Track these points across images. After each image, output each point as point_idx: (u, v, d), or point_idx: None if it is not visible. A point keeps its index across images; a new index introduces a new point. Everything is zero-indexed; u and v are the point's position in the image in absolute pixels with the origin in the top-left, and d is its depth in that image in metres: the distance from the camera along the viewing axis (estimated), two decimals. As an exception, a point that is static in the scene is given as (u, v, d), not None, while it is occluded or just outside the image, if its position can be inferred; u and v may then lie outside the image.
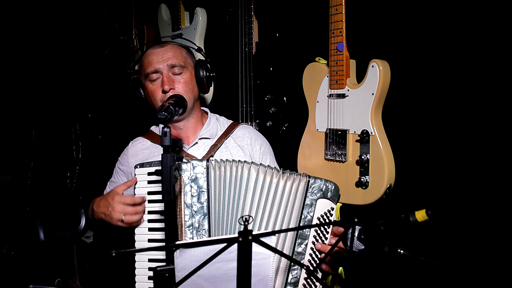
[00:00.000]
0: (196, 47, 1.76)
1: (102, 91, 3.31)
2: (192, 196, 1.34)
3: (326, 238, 1.31)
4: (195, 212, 1.34)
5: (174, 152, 1.52)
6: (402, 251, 1.01)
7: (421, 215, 1.06)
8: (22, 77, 3.11)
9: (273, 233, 0.89)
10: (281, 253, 1.02)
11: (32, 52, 3.12)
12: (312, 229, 1.31)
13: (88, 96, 3.32)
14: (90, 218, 1.54)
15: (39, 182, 3.00)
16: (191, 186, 1.35)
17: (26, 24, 3.10)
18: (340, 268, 1.73)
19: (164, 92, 1.49)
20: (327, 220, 1.32)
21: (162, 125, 1.11)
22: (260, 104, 2.07)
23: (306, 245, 1.30)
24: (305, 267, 0.96)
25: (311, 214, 1.31)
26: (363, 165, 1.59)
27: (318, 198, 1.31)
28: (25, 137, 3.03)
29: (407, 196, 1.65)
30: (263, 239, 0.86)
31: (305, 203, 1.31)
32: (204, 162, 1.36)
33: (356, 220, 0.96)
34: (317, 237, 1.31)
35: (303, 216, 1.31)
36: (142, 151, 1.62)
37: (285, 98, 2.01)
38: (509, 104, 1.46)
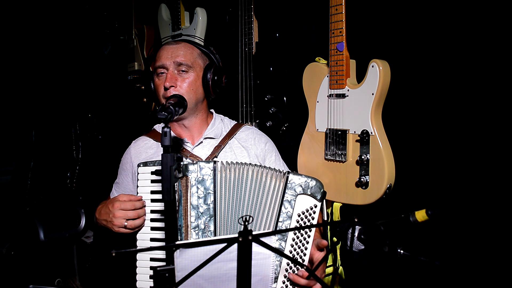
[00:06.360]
0: (209, 50, 1.74)
1: (102, 91, 3.31)
2: (198, 197, 1.34)
3: (308, 242, 1.28)
4: (201, 213, 1.33)
5: (177, 151, 1.53)
6: (402, 251, 1.01)
7: (421, 215, 1.06)
8: (22, 77, 3.11)
9: (273, 233, 0.89)
10: (281, 253, 1.02)
11: (32, 52, 3.12)
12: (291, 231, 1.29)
13: (88, 96, 3.32)
14: (95, 224, 1.54)
15: (39, 182, 3.00)
16: (197, 188, 1.34)
17: (26, 24, 3.10)
18: (340, 268, 1.73)
19: (165, 88, 1.50)
20: (309, 217, 1.30)
21: (163, 125, 1.11)
22: (260, 104, 2.07)
23: (285, 242, 1.29)
24: (305, 267, 0.96)
25: (291, 210, 1.30)
26: (363, 165, 1.59)
27: (298, 194, 1.30)
28: (25, 137, 3.03)
29: (407, 196, 1.65)
30: (263, 239, 0.86)
31: (284, 199, 1.31)
32: (211, 164, 1.35)
33: (356, 220, 0.96)
34: (296, 240, 1.29)
35: (281, 213, 1.30)
36: (146, 150, 1.61)
37: (285, 98, 2.01)
38: (509, 104, 1.46)
